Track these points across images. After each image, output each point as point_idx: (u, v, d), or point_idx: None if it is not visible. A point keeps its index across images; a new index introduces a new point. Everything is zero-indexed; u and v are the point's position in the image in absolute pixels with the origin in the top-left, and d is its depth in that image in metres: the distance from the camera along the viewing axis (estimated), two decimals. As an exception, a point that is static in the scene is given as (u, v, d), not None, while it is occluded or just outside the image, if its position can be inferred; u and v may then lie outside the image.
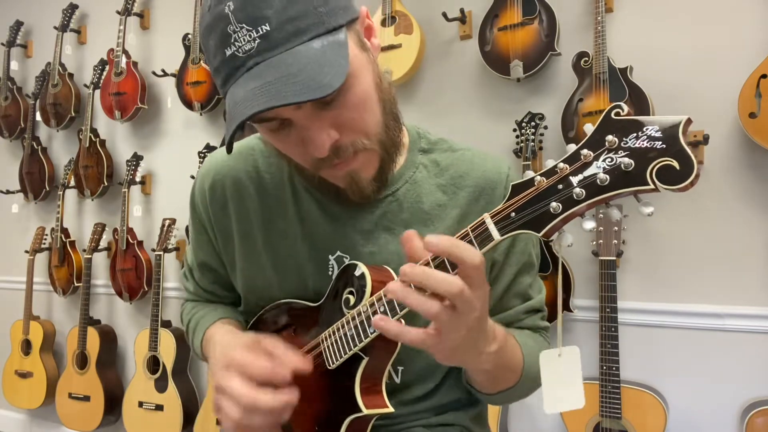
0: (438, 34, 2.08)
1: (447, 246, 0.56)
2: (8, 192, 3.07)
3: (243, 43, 0.60)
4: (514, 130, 1.85)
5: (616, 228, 1.59)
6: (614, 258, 1.60)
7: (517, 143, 1.83)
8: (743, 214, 1.63)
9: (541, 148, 1.84)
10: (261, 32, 0.60)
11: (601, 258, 1.61)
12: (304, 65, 0.59)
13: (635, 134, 0.51)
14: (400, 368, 0.84)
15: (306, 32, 0.61)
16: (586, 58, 1.74)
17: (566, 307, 1.76)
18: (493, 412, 1.79)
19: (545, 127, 1.82)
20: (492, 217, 0.59)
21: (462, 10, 2.00)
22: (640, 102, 1.63)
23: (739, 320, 1.63)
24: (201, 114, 2.46)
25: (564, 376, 0.63)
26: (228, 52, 0.61)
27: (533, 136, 1.80)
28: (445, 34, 2.07)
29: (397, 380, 0.84)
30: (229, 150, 0.64)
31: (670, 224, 1.71)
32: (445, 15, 1.99)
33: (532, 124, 1.80)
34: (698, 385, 1.68)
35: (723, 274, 1.65)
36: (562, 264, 1.77)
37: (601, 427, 1.59)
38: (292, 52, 0.60)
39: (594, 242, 1.62)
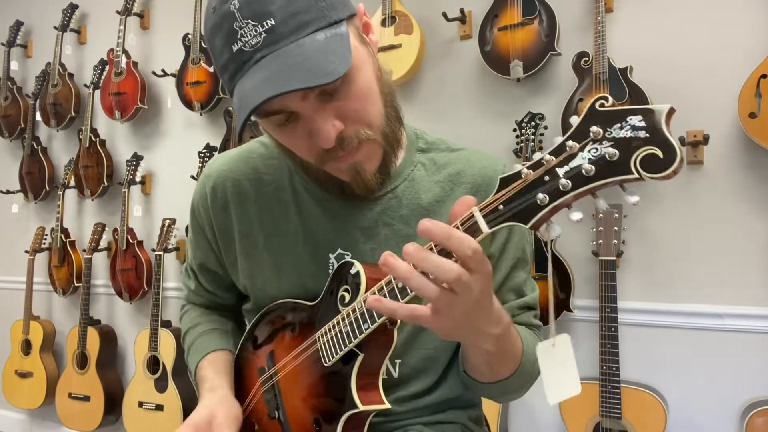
0: (438, 34, 2.08)
1: (440, 237, 0.56)
2: (8, 192, 3.07)
3: (249, 37, 0.63)
4: (514, 130, 1.85)
5: (616, 228, 1.59)
6: (614, 258, 1.60)
7: (517, 143, 1.83)
8: (743, 214, 1.63)
9: (541, 148, 1.84)
10: (266, 26, 0.62)
11: (601, 258, 1.61)
12: (309, 55, 0.62)
13: (619, 124, 0.51)
14: (398, 361, 0.84)
15: (309, 25, 0.63)
16: (586, 58, 1.74)
17: (566, 307, 1.76)
18: (493, 412, 1.79)
19: (545, 127, 1.82)
20: (480, 210, 0.60)
21: (462, 10, 2.00)
22: (640, 102, 1.63)
23: (739, 320, 1.63)
24: (201, 114, 2.46)
25: (560, 365, 0.65)
26: (235, 48, 0.64)
27: (533, 136, 1.80)
28: (445, 34, 2.07)
29: (395, 374, 0.85)
30: (240, 139, 0.65)
31: (670, 224, 1.71)
32: (445, 15, 1.99)
33: (532, 124, 1.80)
34: (698, 385, 1.68)
35: (723, 274, 1.65)
36: (563, 264, 1.77)
37: (601, 427, 1.59)
38: (297, 43, 0.62)
39: (594, 242, 1.62)
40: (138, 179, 2.62)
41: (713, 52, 1.67)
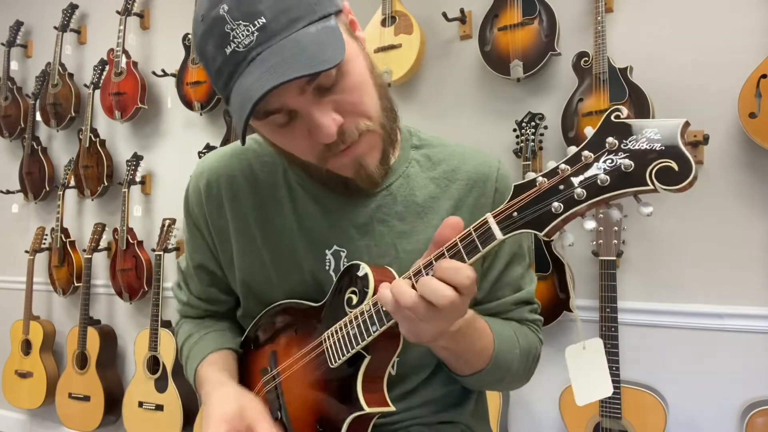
0: (438, 34, 2.08)
1: (448, 275, 0.60)
2: (8, 192, 3.07)
3: (242, 38, 0.62)
4: (514, 130, 1.85)
5: (616, 228, 1.59)
6: (614, 258, 1.60)
7: (517, 143, 1.84)
8: (743, 214, 1.63)
9: (541, 148, 1.84)
10: (258, 25, 0.62)
11: (601, 258, 1.61)
12: (305, 46, 0.62)
13: (635, 136, 0.52)
14: (396, 360, 0.84)
15: (300, 20, 0.64)
16: (586, 58, 1.74)
17: (566, 307, 1.76)
18: (493, 411, 1.79)
19: (545, 127, 1.82)
20: (494, 217, 0.60)
21: (462, 10, 2.00)
22: (640, 102, 1.63)
23: (739, 320, 1.63)
24: (201, 114, 2.46)
25: (590, 368, 0.66)
26: (228, 50, 0.63)
27: (533, 136, 1.80)
28: (445, 34, 2.07)
29: (393, 372, 0.85)
30: (243, 139, 0.66)
31: (670, 224, 1.71)
32: (445, 15, 1.99)
33: (532, 124, 1.80)
34: (698, 385, 1.68)
35: (723, 274, 1.65)
36: (563, 264, 1.77)
37: (601, 427, 1.59)
38: (290, 38, 0.63)
39: (594, 242, 1.62)
40: (138, 179, 2.62)
41: (713, 52, 1.67)
